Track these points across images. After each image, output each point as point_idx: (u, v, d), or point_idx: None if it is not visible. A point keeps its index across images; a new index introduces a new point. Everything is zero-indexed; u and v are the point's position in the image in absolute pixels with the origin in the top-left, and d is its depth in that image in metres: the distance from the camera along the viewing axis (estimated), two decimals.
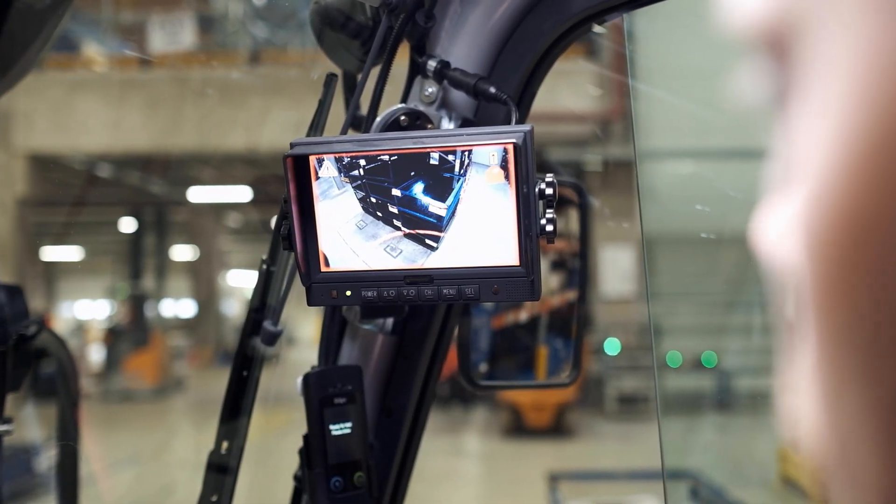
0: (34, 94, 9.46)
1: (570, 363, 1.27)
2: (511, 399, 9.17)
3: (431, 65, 0.98)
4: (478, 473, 8.26)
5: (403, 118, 0.96)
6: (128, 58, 11.52)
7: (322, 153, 0.81)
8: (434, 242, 0.81)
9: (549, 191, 0.78)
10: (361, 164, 0.80)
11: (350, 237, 0.83)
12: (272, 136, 8.14)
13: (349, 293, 0.84)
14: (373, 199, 0.81)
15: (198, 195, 13.78)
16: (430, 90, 1.00)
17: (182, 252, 17.68)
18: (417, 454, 1.18)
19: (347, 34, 1.05)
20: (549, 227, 0.78)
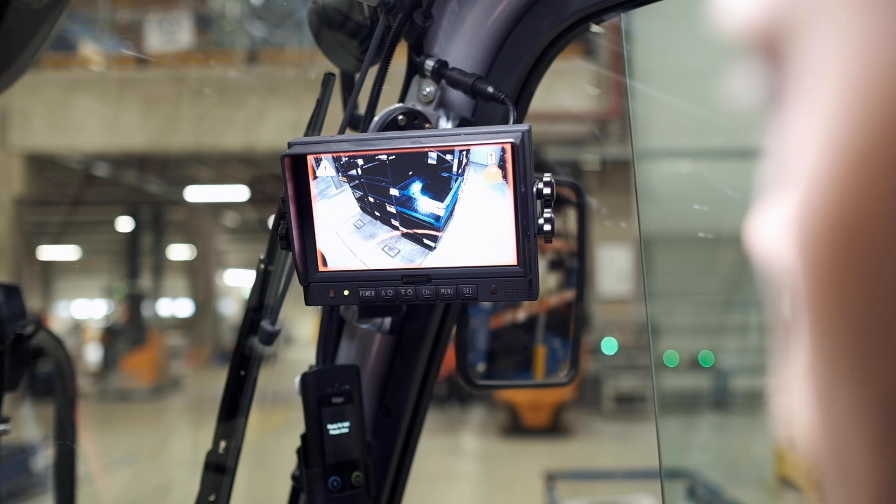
0: (31, 94, 9.45)
1: (568, 363, 1.27)
2: (508, 398, 9.18)
3: (429, 64, 0.98)
4: (475, 473, 8.26)
5: (401, 118, 0.96)
6: (125, 57, 11.51)
7: (320, 153, 0.81)
8: (432, 242, 0.81)
9: (547, 190, 0.78)
10: (359, 164, 0.80)
11: (348, 237, 0.83)
12: (269, 136, 8.13)
13: (347, 293, 0.84)
14: (370, 199, 0.81)
15: (195, 194, 13.76)
16: (428, 90, 1.00)
17: (179, 251, 17.66)
18: (415, 454, 1.18)
19: (345, 33, 1.05)
20: (547, 227, 0.78)
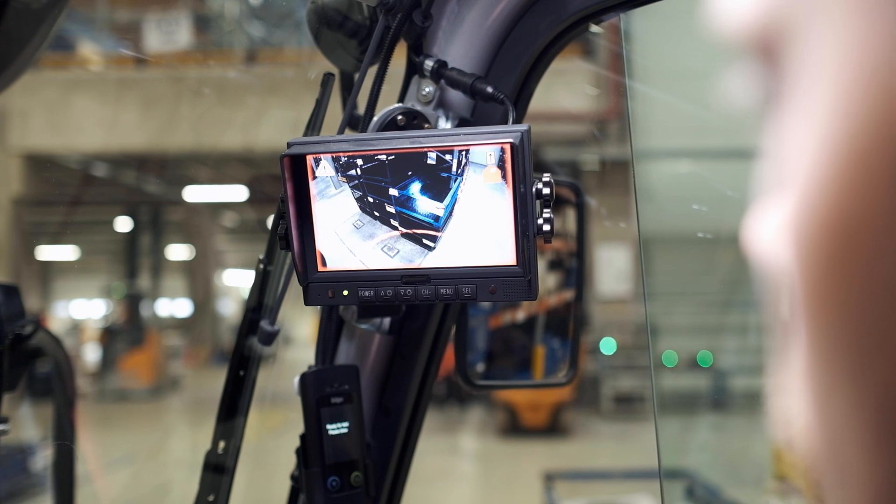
0: (30, 94, 9.45)
1: (567, 363, 1.27)
2: (507, 398, 9.18)
3: (428, 64, 0.98)
4: (474, 473, 8.26)
5: (400, 118, 0.96)
6: (124, 57, 11.50)
7: (319, 153, 0.81)
8: (431, 242, 0.81)
9: (546, 190, 0.78)
10: (358, 164, 0.80)
11: (347, 237, 0.83)
12: (269, 136, 8.13)
13: (346, 293, 0.84)
14: (370, 199, 0.81)
15: (194, 194, 13.76)
16: (428, 90, 1.00)
17: (178, 251, 17.66)
18: (414, 454, 1.18)
19: (344, 34, 1.05)
20: (547, 227, 0.78)
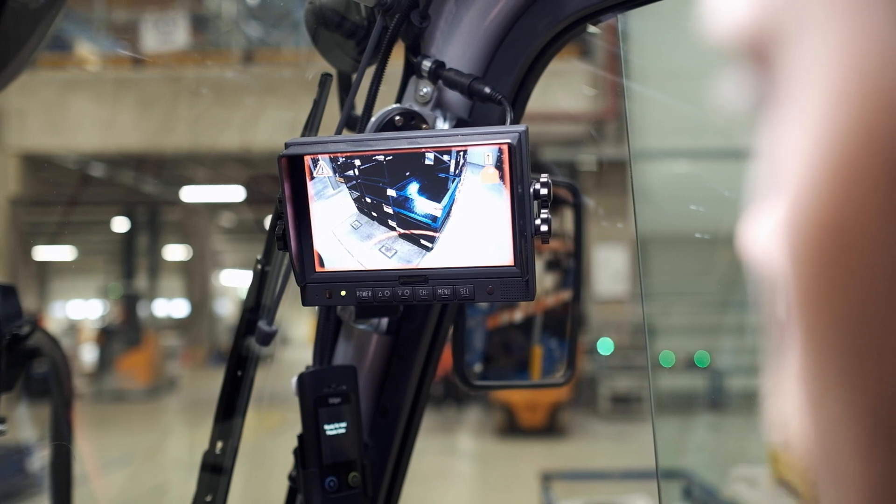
0: (27, 94, 9.43)
1: (565, 363, 1.27)
2: (505, 399, 9.18)
3: (426, 65, 0.98)
4: (471, 473, 8.26)
5: (398, 118, 0.96)
6: (121, 57, 11.49)
7: (317, 153, 0.81)
8: (429, 243, 0.81)
9: (544, 191, 0.78)
10: (356, 165, 0.80)
11: (345, 237, 0.83)
12: (266, 136, 8.13)
13: (344, 293, 0.84)
14: (368, 200, 0.81)
15: (191, 195, 13.75)
16: (425, 90, 1.00)
17: (175, 252, 17.64)
18: (412, 454, 1.18)
19: (342, 34, 1.05)
20: (544, 227, 0.78)
